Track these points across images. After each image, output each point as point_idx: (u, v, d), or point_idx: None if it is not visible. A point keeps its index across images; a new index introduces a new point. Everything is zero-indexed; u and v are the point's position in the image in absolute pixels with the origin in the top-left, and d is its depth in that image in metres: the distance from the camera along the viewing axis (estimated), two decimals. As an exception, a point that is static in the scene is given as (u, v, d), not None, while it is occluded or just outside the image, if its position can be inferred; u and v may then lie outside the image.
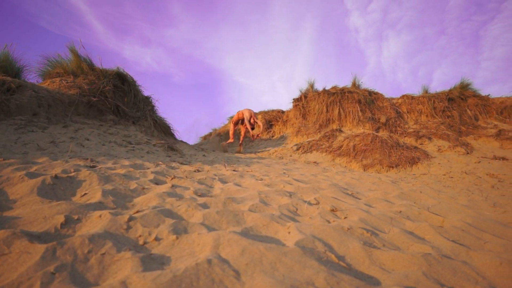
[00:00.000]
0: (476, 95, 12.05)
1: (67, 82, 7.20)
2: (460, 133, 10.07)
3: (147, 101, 9.53)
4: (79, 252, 1.39)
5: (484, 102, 11.74)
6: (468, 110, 11.54)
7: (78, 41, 9.13)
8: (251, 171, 4.88)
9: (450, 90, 12.16)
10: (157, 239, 1.67)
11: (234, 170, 4.66)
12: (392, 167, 6.91)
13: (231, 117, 15.86)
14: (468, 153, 8.36)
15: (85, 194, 2.43)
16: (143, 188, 2.80)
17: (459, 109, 11.57)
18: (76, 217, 1.81)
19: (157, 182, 3.20)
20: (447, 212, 3.02)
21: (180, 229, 1.83)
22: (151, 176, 3.37)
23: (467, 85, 12.29)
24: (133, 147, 5.87)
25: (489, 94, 12.07)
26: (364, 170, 6.92)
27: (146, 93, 9.68)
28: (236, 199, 2.72)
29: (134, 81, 9.13)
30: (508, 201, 3.74)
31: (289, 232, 1.94)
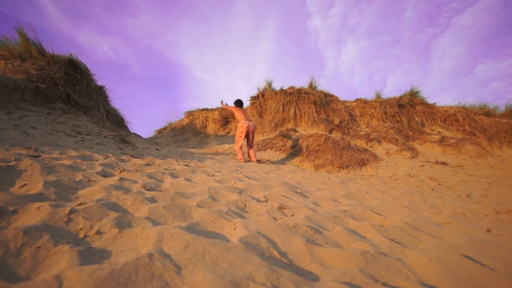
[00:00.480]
0: (423, 102, 12.70)
1: (13, 66, 6.81)
2: (407, 138, 10.57)
3: (100, 91, 9.20)
4: (12, 245, 1.33)
5: (431, 110, 12.40)
6: (416, 117, 12.14)
7: (27, 23, 8.63)
8: (204, 166, 4.86)
9: (400, 97, 12.73)
10: (98, 232, 1.63)
11: (186, 165, 4.62)
12: (343, 167, 7.13)
13: (188, 112, 15.63)
14: (413, 157, 8.79)
15: (25, 184, 2.32)
16: (89, 180, 2.71)
17: (408, 115, 12.15)
18: (12, 208, 1.73)
19: (104, 175, 3.11)
20: (389, 212, 3.16)
21: (124, 222, 1.79)
22: (99, 168, 3.27)
23: (416, 92, 12.93)
24: (83, 137, 5.65)
25: (435, 103, 12.78)
26: (316, 169, 7.10)
27: (100, 82, 9.35)
28: (185, 194, 2.70)
29: (87, 70, 8.79)
30: (445, 203, 3.98)
31: (235, 228, 1.96)
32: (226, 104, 8.38)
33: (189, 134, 14.04)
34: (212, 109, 15.09)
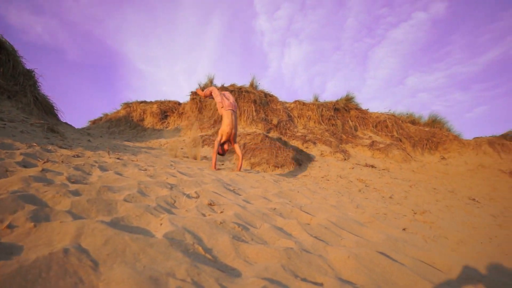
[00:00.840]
0: (358, 108, 13.37)
1: None
2: (341, 140, 11.05)
3: (28, 75, 8.57)
4: None
5: (364, 115, 13.07)
6: (350, 121, 12.73)
7: None
8: (137, 160, 4.73)
9: (337, 101, 13.28)
10: (10, 226, 1.52)
11: (118, 158, 4.46)
12: (278, 167, 7.28)
13: (125, 103, 15.08)
14: (345, 159, 9.21)
15: None
16: (7, 171, 2.52)
17: (343, 119, 12.70)
18: None
19: (25, 165, 2.91)
20: (317, 211, 3.30)
21: (41, 216, 1.69)
22: (20, 158, 3.05)
23: (351, 98, 13.57)
24: (5, 124, 5.24)
25: (368, 109, 13.52)
26: (252, 168, 7.18)
27: (29, 66, 8.70)
28: (113, 188, 2.61)
29: (14, 51, 8.16)
30: (369, 204, 4.23)
31: (161, 224, 1.94)
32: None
33: (125, 127, 13.55)
34: (151, 102, 14.69)
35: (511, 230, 3.92)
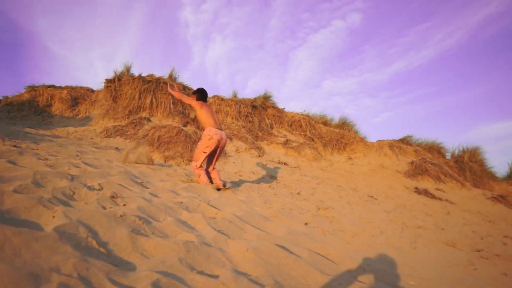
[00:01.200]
0: (274, 106, 13.76)
1: None
2: (257, 137, 11.29)
3: None
4: None
5: (280, 114, 13.50)
6: (266, 119, 13.07)
7: None
8: (37, 149, 4.37)
9: (255, 99, 13.51)
10: None
11: (14, 146, 4.08)
12: (192, 161, 7.23)
13: (31, 86, 13.74)
14: (260, 156, 9.45)
15: None
16: None
17: (260, 117, 12.99)
18: None
19: None
20: (224, 206, 3.34)
21: None
22: None
23: (269, 97, 13.91)
24: None
25: (284, 108, 13.96)
26: (165, 161, 7.04)
27: None
28: (2, 178, 2.39)
29: None
30: (277, 199, 4.40)
31: (53, 217, 1.83)
32: (178, 92, 5.15)
33: (29, 112, 12.37)
34: (61, 87, 13.58)
35: (398, 224, 4.36)
